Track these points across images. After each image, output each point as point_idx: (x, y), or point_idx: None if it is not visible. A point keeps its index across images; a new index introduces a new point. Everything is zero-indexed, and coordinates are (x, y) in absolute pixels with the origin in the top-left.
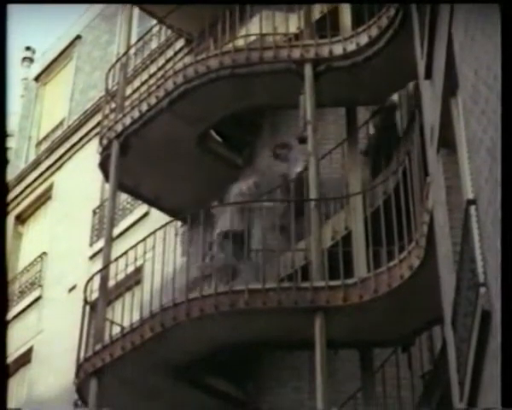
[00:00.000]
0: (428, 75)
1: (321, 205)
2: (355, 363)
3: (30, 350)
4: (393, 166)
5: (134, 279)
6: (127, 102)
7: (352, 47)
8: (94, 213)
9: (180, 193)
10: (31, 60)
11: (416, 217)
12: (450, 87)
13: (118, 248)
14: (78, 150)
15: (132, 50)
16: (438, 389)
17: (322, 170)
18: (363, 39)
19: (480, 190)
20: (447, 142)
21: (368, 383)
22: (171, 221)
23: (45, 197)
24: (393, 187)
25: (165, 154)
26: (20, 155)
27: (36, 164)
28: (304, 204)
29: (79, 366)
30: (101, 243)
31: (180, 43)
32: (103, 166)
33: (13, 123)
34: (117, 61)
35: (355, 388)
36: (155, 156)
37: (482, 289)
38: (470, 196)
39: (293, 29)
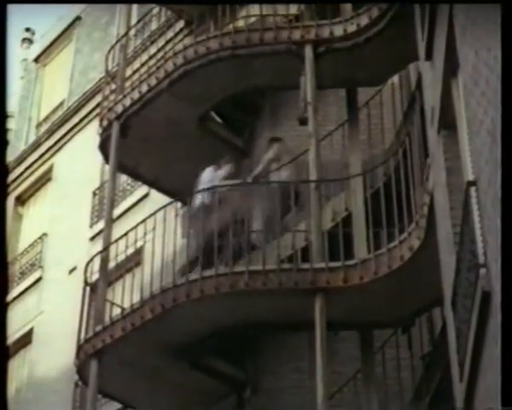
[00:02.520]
0: (429, 56)
1: (321, 186)
2: (355, 344)
3: (30, 331)
4: (394, 148)
5: (134, 260)
6: (127, 84)
7: (352, 28)
8: (94, 194)
9: (180, 174)
10: (30, 41)
11: (416, 198)
12: (451, 68)
13: (118, 230)
14: (78, 132)
15: (132, 31)
16: (438, 370)
17: (323, 151)
18: (364, 20)
19: (480, 172)
20: (448, 123)
21: (368, 365)
22: (171, 202)
23: (45, 179)
24: (394, 168)
25: (166, 135)
26: (20, 136)
27: (36, 145)
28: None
29: (80, 347)
30: (101, 225)
31: (180, 24)
32: (103, 147)
33: (13, 104)
34: (117, 42)
35: (355, 369)
36: (155, 137)
37: (482, 271)
38: (470, 177)
39: (293, 10)
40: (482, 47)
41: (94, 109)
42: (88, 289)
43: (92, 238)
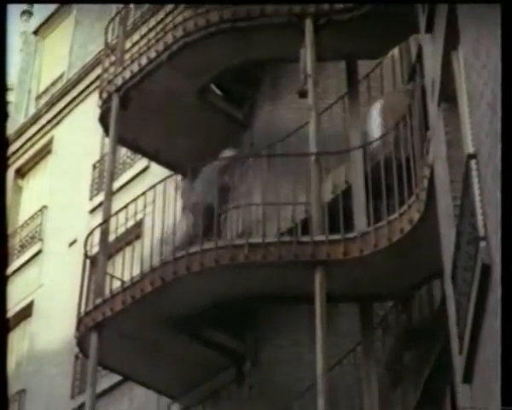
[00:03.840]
0: (429, 29)
1: (321, 159)
2: (355, 317)
3: (30, 304)
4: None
5: (134, 233)
6: (127, 56)
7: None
8: (94, 167)
9: (180, 147)
10: (30, 13)
11: (416, 171)
12: (452, 41)
13: (118, 203)
14: (77, 104)
15: (132, 4)
16: (437, 342)
17: (323, 124)
18: None
19: (480, 145)
20: (448, 96)
21: (367, 337)
22: (171, 175)
23: (45, 151)
24: (394, 141)
25: (165, 108)
26: (20, 109)
27: (36, 118)
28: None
29: (80, 320)
30: (101, 197)
31: None
32: (103, 120)
33: (12, 77)
34: (116, 14)
35: (355, 342)
36: (155, 110)
37: (482, 243)
38: (471, 150)
39: None
40: (483, 20)
41: (94, 82)
42: (88, 261)
43: (92, 211)
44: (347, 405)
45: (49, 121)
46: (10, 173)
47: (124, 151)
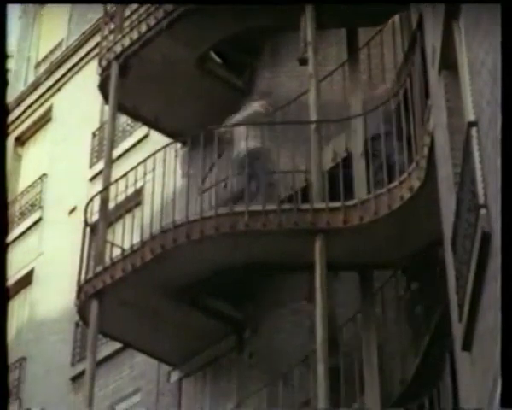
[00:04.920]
0: None
1: (321, 127)
2: (355, 285)
3: (31, 272)
4: (395, 88)
5: (134, 201)
6: (126, 23)
7: None
8: (93, 135)
9: (180, 115)
10: None
11: (416, 139)
12: (453, 8)
13: (118, 170)
14: (77, 72)
15: None
16: (437, 310)
17: (323, 92)
18: None
19: (481, 112)
20: (449, 63)
21: (367, 306)
22: (171, 143)
23: (45, 119)
24: (394, 109)
25: (165, 75)
26: (19, 76)
27: (35, 86)
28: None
29: (80, 288)
30: (100, 165)
31: None
32: (103, 87)
33: (11, 45)
34: None
35: (354, 310)
36: (155, 78)
37: (482, 211)
38: (471, 117)
39: None
40: None
41: (93, 49)
42: (88, 229)
43: (92, 179)
44: (347, 373)
45: (48, 89)
46: (10, 141)
47: (123, 119)
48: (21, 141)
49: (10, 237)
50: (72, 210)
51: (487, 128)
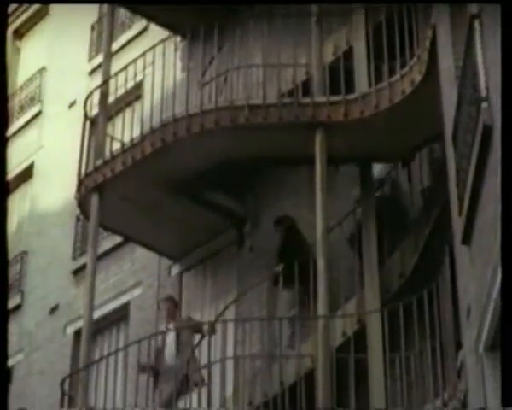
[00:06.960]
0: None
1: (322, 20)
2: (355, 179)
3: (31, 166)
4: None
5: (134, 94)
6: None
7: None
8: (92, 28)
9: (179, 8)
10: None
11: (418, 32)
12: None
13: (117, 64)
14: None
15: None
16: (437, 204)
17: None
18: None
19: (483, 5)
20: None
21: (367, 200)
22: (170, 36)
23: (43, 12)
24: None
25: None
26: None
27: None
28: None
29: (80, 182)
30: (100, 59)
31: None
32: None
33: None
34: None
35: (354, 204)
36: None
37: (484, 104)
38: (474, 10)
39: None
40: None
41: None
42: (88, 123)
43: (91, 72)
44: (346, 267)
45: None
46: (8, 35)
47: (122, 11)
48: (19, 34)
49: (10, 131)
50: (72, 103)
51: (489, 21)
